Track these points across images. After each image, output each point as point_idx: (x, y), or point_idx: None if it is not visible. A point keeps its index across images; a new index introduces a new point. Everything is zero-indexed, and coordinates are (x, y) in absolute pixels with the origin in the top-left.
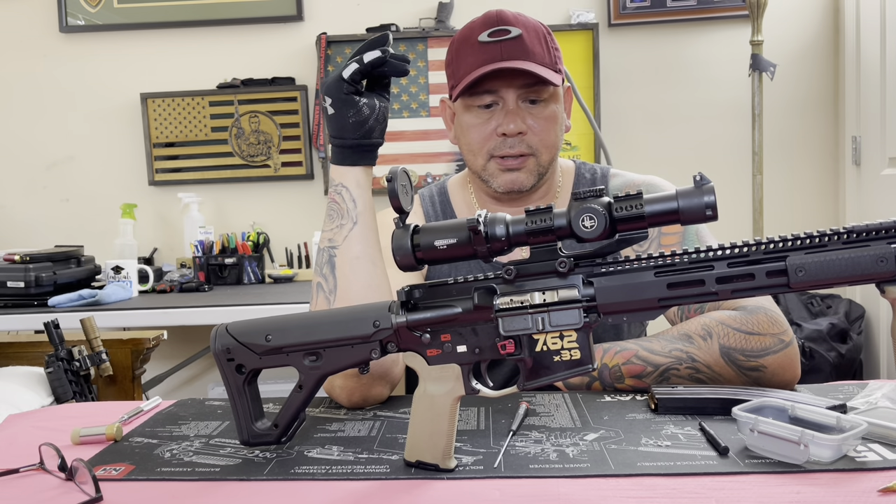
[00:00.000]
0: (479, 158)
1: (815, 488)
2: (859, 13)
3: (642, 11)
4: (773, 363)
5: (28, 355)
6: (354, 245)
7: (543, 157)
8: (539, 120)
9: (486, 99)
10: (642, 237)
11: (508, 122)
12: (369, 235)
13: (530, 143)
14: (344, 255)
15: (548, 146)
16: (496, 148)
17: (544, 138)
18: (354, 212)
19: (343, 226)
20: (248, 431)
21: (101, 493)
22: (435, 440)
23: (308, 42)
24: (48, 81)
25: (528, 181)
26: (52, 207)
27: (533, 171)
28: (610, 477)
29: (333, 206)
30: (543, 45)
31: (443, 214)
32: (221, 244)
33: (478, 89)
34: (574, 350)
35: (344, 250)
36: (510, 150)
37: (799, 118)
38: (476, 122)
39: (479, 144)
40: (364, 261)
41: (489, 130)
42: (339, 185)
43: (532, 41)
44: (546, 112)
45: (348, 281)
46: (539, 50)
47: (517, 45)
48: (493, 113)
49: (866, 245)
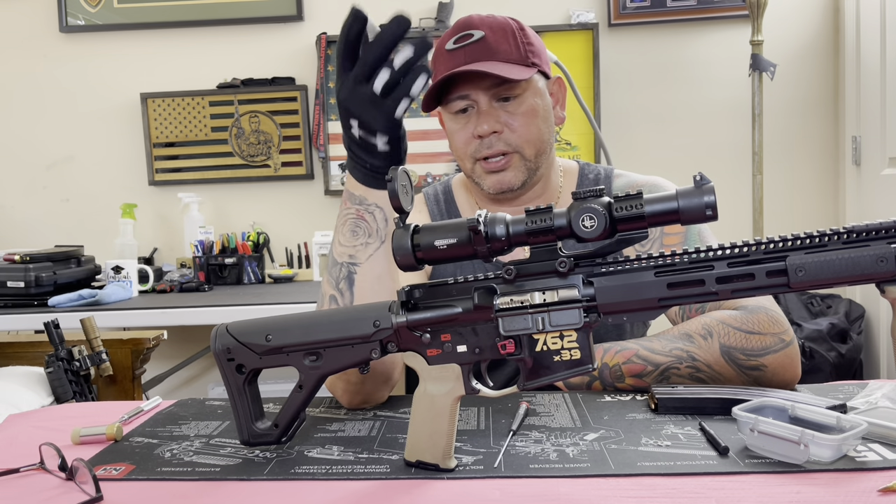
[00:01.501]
0: (466, 163)
1: (815, 488)
2: (859, 13)
3: (642, 11)
4: (774, 362)
5: (28, 355)
6: (379, 264)
7: (528, 152)
8: (515, 116)
9: (461, 104)
10: (642, 237)
11: (482, 123)
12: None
13: (508, 140)
14: (366, 274)
15: (529, 141)
16: (476, 150)
17: (523, 133)
18: (384, 231)
19: (369, 244)
20: (248, 431)
21: (101, 493)
22: (435, 440)
23: (308, 42)
24: (48, 81)
25: (515, 179)
26: (52, 207)
27: (519, 167)
28: (610, 477)
29: (361, 224)
30: (511, 42)
31: (447, 213)
32: (221, 244)
33: (450, 96)
34: (574, 350)
35: (366, 268)
36: (489, 150)
37: (799, 118)
38: (456, 127)
39: (462, 149)
40: (386, 279)
41: (468, 134)
42: (373, 206)
43: (497, 40)
44: (522, 108)
45: (367, 300)
46: (505, 47)
47: (479, 47)
48: (469, 117)
49: (866, 245)
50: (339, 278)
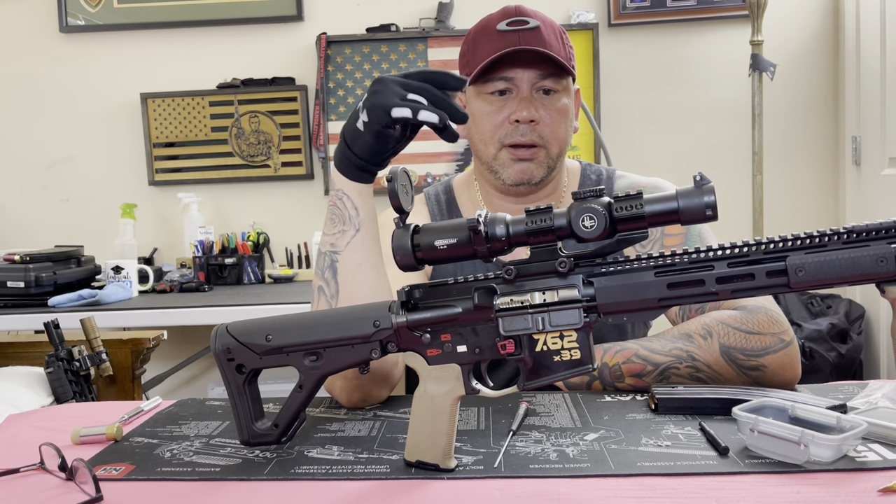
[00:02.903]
0: (490, 147)
1: (815, 488)
2: (859, 13)
3: (642, 11)
4: (774, 363)
5: (28, 355)
6: (357, 252)
7: (553, 150)
8: (551, 111)
9: (501, 85)
10: (642, 237)
11: (522, 109)
12: (372, 243)
13: (542, 133)
14: (346, 262)
15: (558, 139)
16: (507, 136)
17: (555, 130)
18: (357, 219)
19: (345, 232)
20: (248, 431)
21: (101, 493)
22: (435, 440)
23: (308, 42)
24: (48, 81)
25: (538, 173)
26: (52, 207)
27: (543, 163)
28: (610, 477)
29: (335, 211)
30: (559, 41)
31: (448, 213)
32: (221, 244)
33: (493, 75)
34: (574, 350)
35: (346, 256)
36: (521, 137)
37: (799, 118)
38: (489, 109)
39: (490, 132)
40: (366, 267)
41: (502, 118)
42: (341, 192)
43: (549, 34)
44: (559, 104)
45: (350, 287)
46: (555, 43)
47: (535, 34)
48: (506, 101)
49: (866, 245)
50: (323, 268)
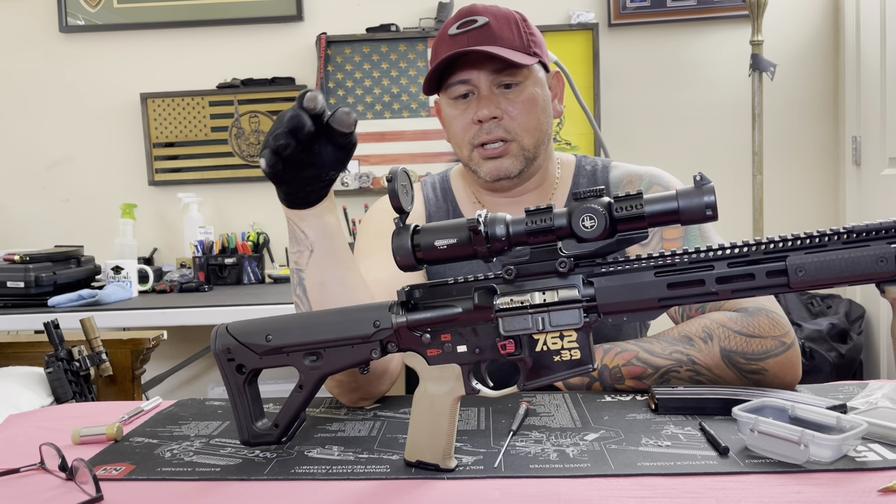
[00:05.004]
0: (464, 150)
1: (815, 488)
2: (859, 13)
3: (642, 11)
4: (775, 366)
5: (28, 355)
6: (316, 272)
7: (526, 141)
8: (515, 104)
9: (461, 89)
10: (642, 237)
11: (482, 108)
12: (329, 262)
13: (508, 127)
14: (310, 280)
15: (528, 130)
16: (475, 136)
17: (523, 122)
18: (307, 241)
19: (301, 252)
20: (248, 431)
21: (101, 493)
22: (435, 440)
23: (308, 42)
24: (48, 81)
25: (513, 167)
26: (52, 207)
27: (517, 155)
28: (610, 477)
29: (290, 232)
30: (514, 31)
31: (444, 201)
32: (221, 244)
33: (451, 80)
34: (574, 350)
35: (309, 275)
36: (487, 136)
37: (799, 118)
38: (455, 113)
39: (461, 135)
40: (330, 286)
41: (467, 120)
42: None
43: (500, 27)
44: (522, 96)
45: (320, 306)
46: (508, 35)
47: (483, 32)
48: (469, 102)
49: (866, 245)
50: (294, 284)
